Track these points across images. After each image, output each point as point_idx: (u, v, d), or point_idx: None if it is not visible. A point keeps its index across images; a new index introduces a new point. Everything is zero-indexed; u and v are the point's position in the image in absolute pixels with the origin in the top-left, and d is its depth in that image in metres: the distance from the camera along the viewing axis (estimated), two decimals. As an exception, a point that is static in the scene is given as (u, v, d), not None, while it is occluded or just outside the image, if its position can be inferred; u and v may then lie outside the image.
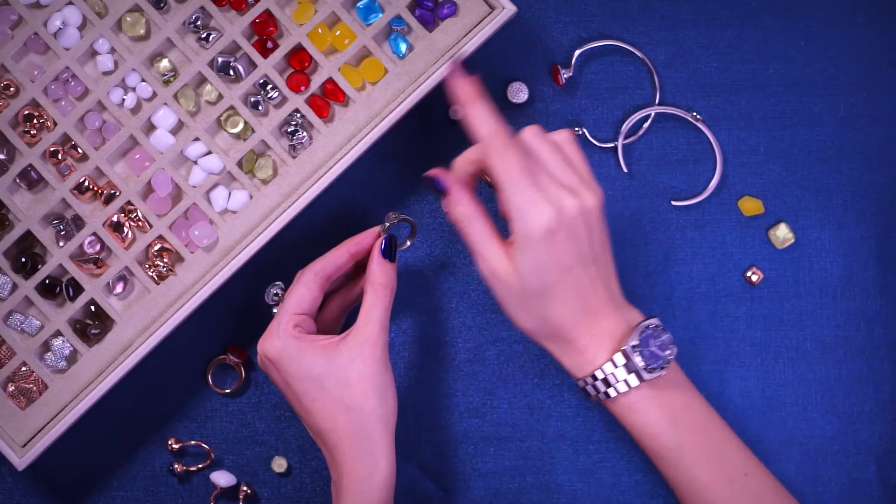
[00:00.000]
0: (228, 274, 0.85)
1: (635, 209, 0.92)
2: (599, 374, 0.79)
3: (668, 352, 0.79)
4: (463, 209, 0.79)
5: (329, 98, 0.87)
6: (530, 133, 0.78)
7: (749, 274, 0.92)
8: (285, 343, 0.80)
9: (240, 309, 0.92)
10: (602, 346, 0.79)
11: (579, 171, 0.78)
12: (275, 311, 0.84)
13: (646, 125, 0.92)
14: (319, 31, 0.87)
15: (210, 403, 0.92)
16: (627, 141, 0.92)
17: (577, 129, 0.92)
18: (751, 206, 0.92)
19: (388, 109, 0.86)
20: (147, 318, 0.86)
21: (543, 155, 0.78)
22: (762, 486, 0.82)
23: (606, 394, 0.79)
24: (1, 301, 0.86)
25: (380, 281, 0.82)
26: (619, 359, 0.78)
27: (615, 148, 0.92)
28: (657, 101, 0.92)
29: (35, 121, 0.87)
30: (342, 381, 0.80)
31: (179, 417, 0.92)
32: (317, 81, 0.87)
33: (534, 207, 0.75)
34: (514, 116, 0.92)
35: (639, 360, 0.78)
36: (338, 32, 0.87)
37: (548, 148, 0.78)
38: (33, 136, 0.87)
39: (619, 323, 0.79)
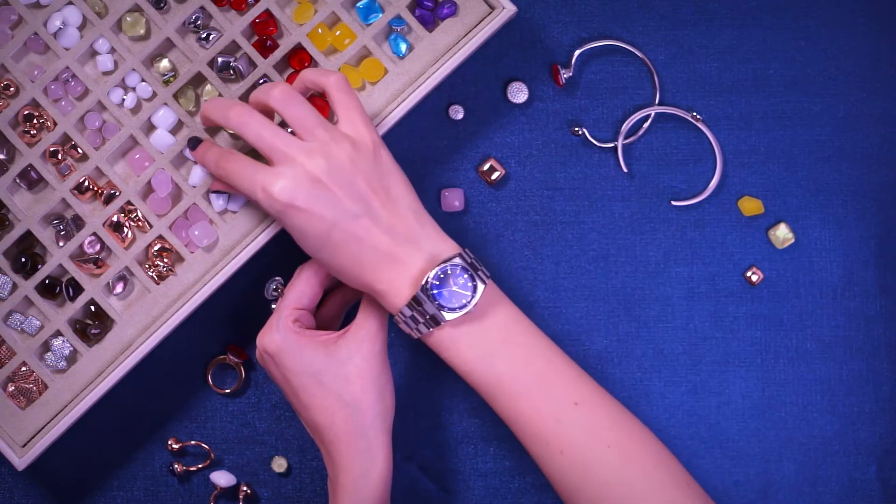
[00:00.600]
0: (228, 274, 0.85)
1: (635, 209, 0.92)
2: (402, 315, 0.77)
3: (470, 290, 0.77)
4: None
5: (329, 98, 0.87)
6: (277, 97, 0.76)
7: (749, 274, 0.92)
8: (284, 337, 0.80)
9: (240, 309, 0.92)
10: (399, 291, 0.77)
11: (333, 125, 0.76)
12: (274, 306, 0.84)
13: (646, 125, 0.92)
14: (319, 31, 0.87)
15: (210, 403, 0.92)
16: (627, 141, 0.92)
17: (577, 129, 0.92)
18: (751, 206, 0.92)
19: (388, 109, 0.86)
20: (147, 318, 0.86)
21: (291, 116, 0.76)
22: (593, 413, 0.79)
23: (418, 330, 0.78)
24: (1, 301, 0.86)
25: None
26: (416, 302, 0.77)
27: (615, 148, 0.92)
28: (657, 101, 0.92)
29: (35, 121, 0.87)
30: (341, 376, 0.80)
31: (179, 417, 0.92)
32: (317, 81, 0.87)
33: (263, 191, 0.74)
34: (514, 116, 0.92)
35: (433, 303, 0.77)
36: (338, 32, 0.87)
37: (297, 108, 0.75)
38: (33, 136, 0.87)
39: (418, 264, 0.78)
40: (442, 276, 0.77)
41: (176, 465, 0.91)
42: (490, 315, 0.79)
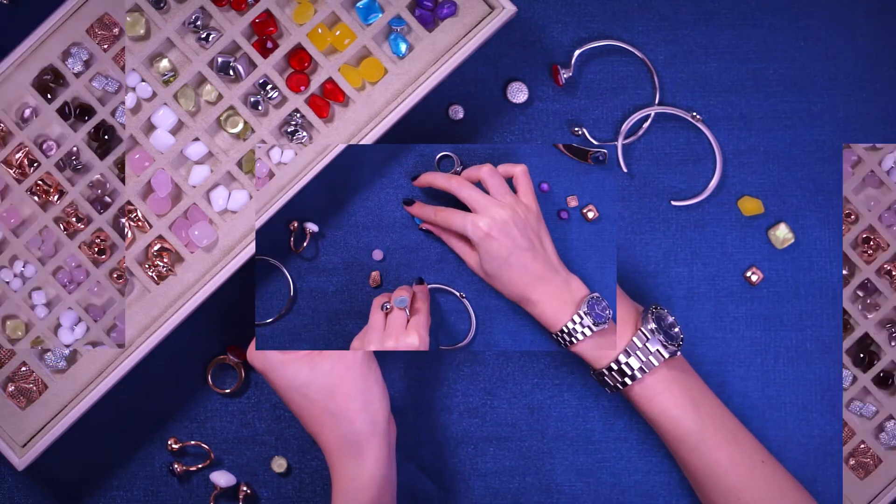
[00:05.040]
0: (228, 274, 0.85)
1: (635, 209, 0.92)
2: (621, 360, 0.83)
3: (676, 329, 0.84)
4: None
5: (329, 98, 0.87)
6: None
7: (749, 274, 0.92)
8: (268, 355, 0.82)
9: (240, 309, 0.92)
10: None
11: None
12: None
13: (646, 125, 0.92)
14: (319, 31, 0.87)
15: (210, 403, 0.92)
16: (627, 141, 0.92)
17: (576, 129, 0.92)
18: (751, 206, 0.92)
19: (387, 109, 0.86)
20: (147, 318, 0.86)
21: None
22: (777, 474, 0.85)
23: (629, 379, 0.83)
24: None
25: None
26: (638, 342, 0.82)
27: (615, 148, 0.92)
28: (657, 101, 0.92)
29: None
30: (325, 388, 0.82)
31: (179, 417, 0.92)
32: (317, 81, 0.87)
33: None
34: (514, 116, 0.92)
35: (658, 341, 0.82)
36: (338, 32, 0.87)
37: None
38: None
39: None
40: (656, 317, 0.84)
41: (176, 465, 0.91)
42: (685, 366, 0.86)
